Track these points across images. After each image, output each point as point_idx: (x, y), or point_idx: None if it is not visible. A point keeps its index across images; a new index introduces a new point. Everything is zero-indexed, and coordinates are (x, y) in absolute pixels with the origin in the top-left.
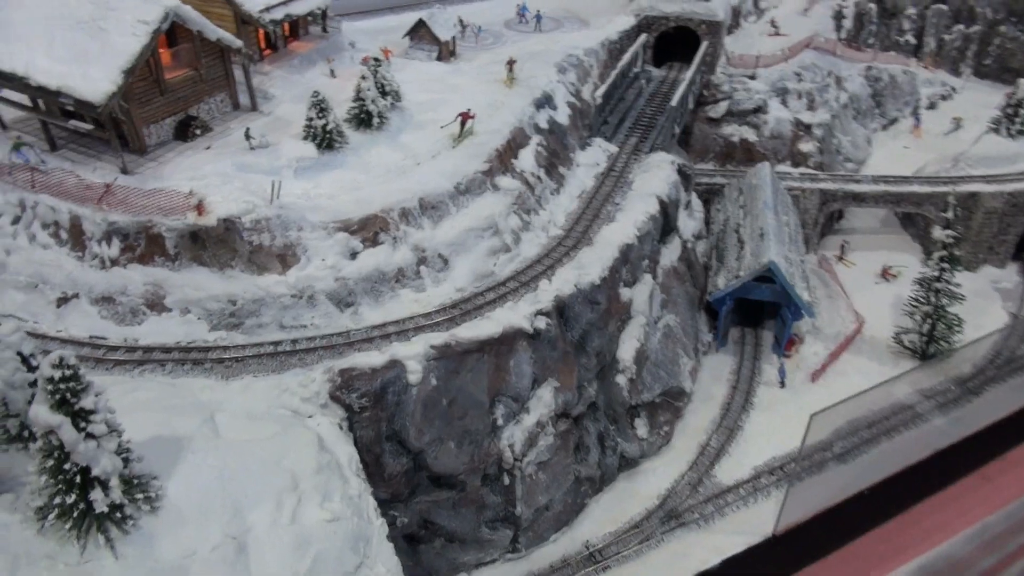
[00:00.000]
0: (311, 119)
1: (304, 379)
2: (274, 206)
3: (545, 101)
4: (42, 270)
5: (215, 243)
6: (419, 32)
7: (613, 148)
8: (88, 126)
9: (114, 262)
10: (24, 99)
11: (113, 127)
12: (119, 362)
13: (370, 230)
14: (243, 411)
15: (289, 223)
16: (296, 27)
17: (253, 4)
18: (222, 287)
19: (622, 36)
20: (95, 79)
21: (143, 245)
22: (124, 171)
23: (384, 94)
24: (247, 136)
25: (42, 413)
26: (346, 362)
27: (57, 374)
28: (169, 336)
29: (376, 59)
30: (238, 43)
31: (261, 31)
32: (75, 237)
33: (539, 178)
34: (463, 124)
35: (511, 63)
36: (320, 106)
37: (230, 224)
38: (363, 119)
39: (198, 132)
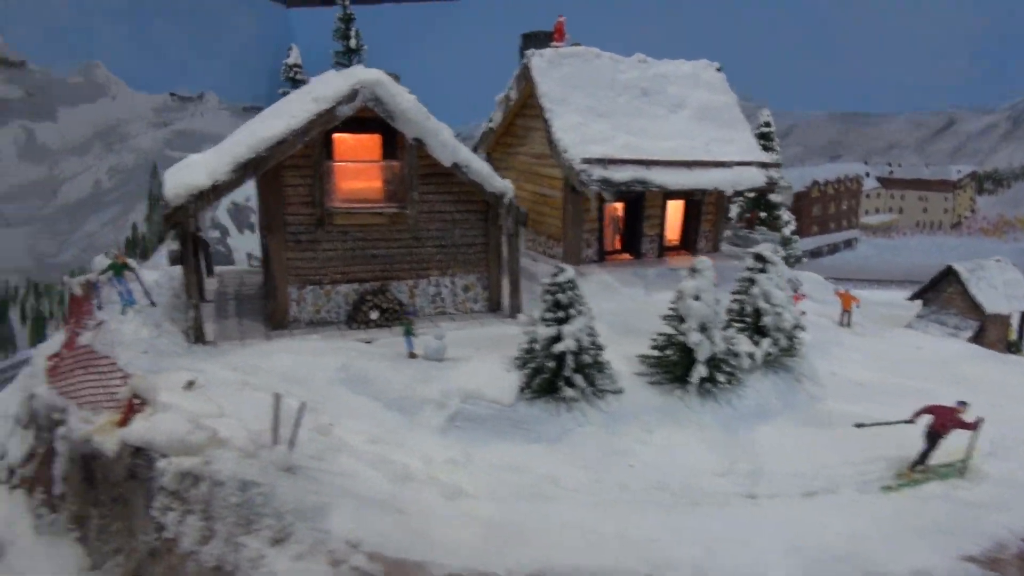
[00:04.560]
0: (534, 322)
1: None
2: (273, 456)
3: None
4: None
5: (110, 499)
6: (944, 292)
7: None
8: (174, 246)
9: (11, 473)
10: None
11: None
12: None
13: None
14: None
15: (262, 508)
16: (691, 231)
17: (585, 149)
18: None
19: None
20: (197, 172)
21: (39, 457)
22: (198, 338)
23: (757, 330)
24: (407, 329)
25: None
26: None
27: None
28: None
29: (762, 257)
30: (500, 186)
31: (610, 209)
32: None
33: None
34: (938, 433)
35: None
36: (556, 294)
37: (137, 463)
38: (671, 363)
39: (373, 317)
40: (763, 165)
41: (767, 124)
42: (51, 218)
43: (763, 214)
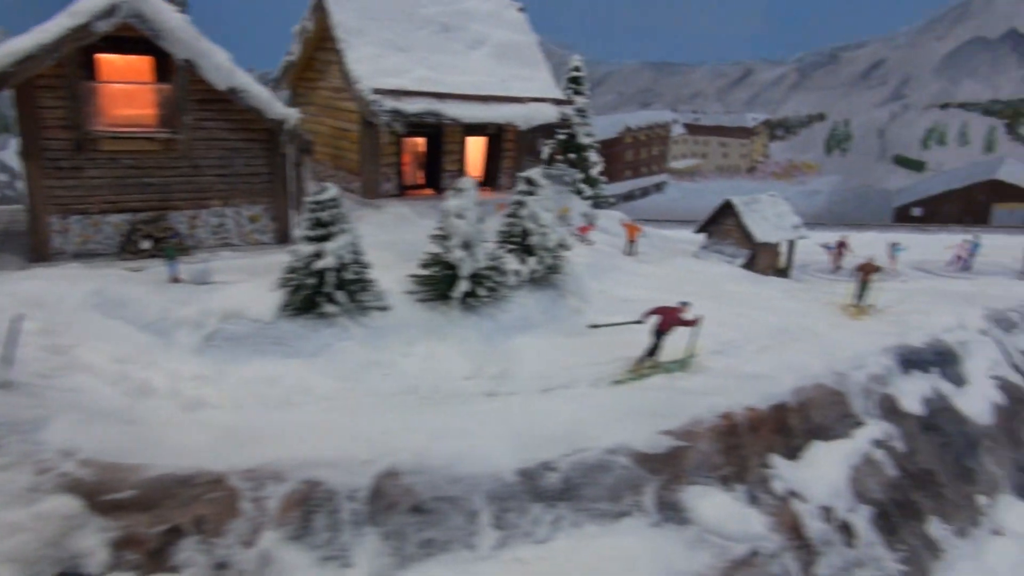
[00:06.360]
0: (304, 238)
1: None
2: None
3: (937, 359)
4: None
5: None
6: (723, 225)
7: None
8: None
9: None
10: None
11: None
12: None
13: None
14: None
15: None
16: (493, 168)
17: (379, 81)
18: None
19: None
20: None
21: None
22: None
23: (525, 250)
24: (169, 252)
25: None
26: None
27: None
28: None
29: (531, 181)
30: (281, 113)
31: (411, 144)
32: None
33: (849, 534)
34: (662, 330)
35: (867, 270)
36: (318, 212)
37: None
38: (436, 280)
39: (144, 246)
40: (557, 102)
41: (576, 69)
42: None
43: (572, 156)
